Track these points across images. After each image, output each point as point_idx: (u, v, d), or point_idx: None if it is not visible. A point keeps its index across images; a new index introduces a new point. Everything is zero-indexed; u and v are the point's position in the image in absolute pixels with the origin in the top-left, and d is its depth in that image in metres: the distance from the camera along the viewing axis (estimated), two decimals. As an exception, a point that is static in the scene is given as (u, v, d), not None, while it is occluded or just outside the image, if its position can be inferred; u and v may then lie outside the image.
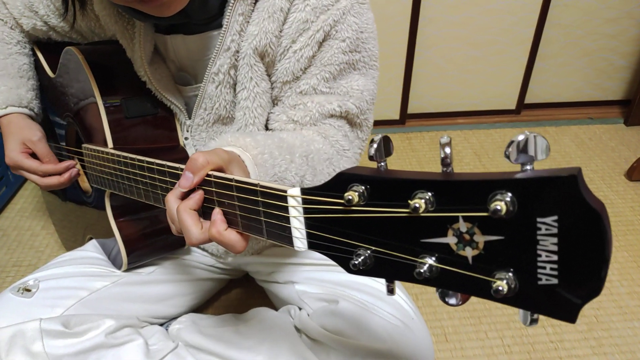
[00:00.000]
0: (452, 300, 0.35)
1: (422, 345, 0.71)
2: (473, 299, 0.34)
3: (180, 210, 0.49)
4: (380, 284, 0.78)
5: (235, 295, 1.13)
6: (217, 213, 0.49)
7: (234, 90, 0.74)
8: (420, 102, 1.90)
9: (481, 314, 1.10)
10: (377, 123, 1.89)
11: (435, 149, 1.75)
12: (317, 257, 0.85)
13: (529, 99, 1.95)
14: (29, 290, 0.75)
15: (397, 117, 1.90)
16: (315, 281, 0.83)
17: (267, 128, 0.77)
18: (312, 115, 0.70)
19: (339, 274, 0.81)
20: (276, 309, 0.91)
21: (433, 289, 1.15)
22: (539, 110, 1.98)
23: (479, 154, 1.71)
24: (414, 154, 1.72)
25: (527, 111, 1.97)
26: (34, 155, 0.85)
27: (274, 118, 0.74)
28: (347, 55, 0.69)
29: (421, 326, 0.74)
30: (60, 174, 0.84)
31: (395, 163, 1.68)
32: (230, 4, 0.66)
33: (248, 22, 0.68)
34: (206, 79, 0.72)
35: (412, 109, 1.91)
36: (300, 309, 0.84)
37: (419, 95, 1.88)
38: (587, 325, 1.07)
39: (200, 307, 1.02)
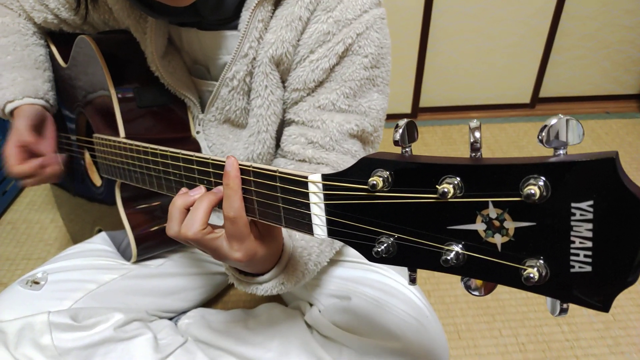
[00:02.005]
0: (476, 292, 0.34)
1: (437, 344, 0.70)
2: (488, 295, 0.33)
3: (204, 200, 0.49)
4: (393, 280, 0.76)
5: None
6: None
7: (248, 97, 0.72)
8: (433, 95, 1.88)
9: (495, 311, 1.08)
10: (388, 117, 1.85)
11: (447, 144, 1.72)
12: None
13: (543, 93, 1.91)
14: (37, 283, 0.75)
15: (408, 110, 1.88)
16: (326, 277, 0.81)
17: (278, 142, 0.76)
18: (332, 136, 0.69)
19: (351, 270, 0.80)
20: (286, 305, 0.90)
21: (445, 286, 1.14)
22: (554, 104, 1.94)
23: (493, 148, 1.69)
24: (426, 149, 1.70)
25: (541, 105, 1.93)
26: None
27: (291, 140, 0.71)
28: (368, 71, 0.68)
29: (435, 324, 0.72)
30: (31, 175, 0.81)
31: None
32: (250, 10, 0.65)
33: (267, 28, 0.67)
34: (220, 81, 0.71)
35: (423, 102, 1.88)
36: (311, 305, 0.83)
37: (431, 88, 1.86)
38: (603, 324, 1.05)
39: (209, 302, 1.01)
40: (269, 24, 0.67)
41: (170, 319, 0.88)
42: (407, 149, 0.34)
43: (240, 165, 0.47)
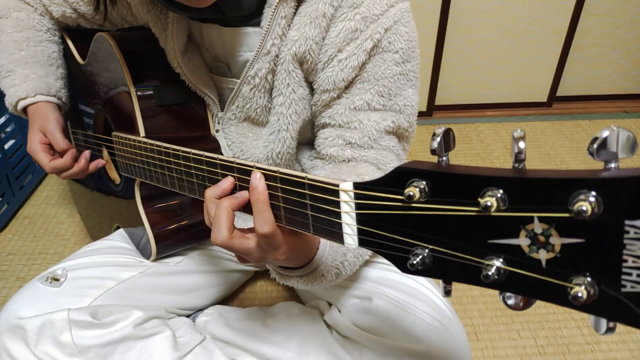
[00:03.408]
0: (514, 305, 0.32)
1: (460, 347, 0.69)
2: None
3: (223, 205, 0.48)
4: (415, 281, 0.76)
5: (261, 287, 1.12)
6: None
7: (270, 95, 0.72)
8: (449, 93, 1.86)
9: (513, 312, 1.07)
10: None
11: (463, 142, 1.71)
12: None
13: (561, 92, 1.89)
14: (57, 280, 0.75)
15: (424, 108, 1.86)
16: (347, 277, 0.81)
17: (298, 142, 0.75)
18: (370, 134, 0.68)
19: (371, 270, 0.79)
20: (304, 304, 0.89)
21: (463, 287, 1.13)
22: (571, 103, 1.92)
23: (510, 147, 1.67)
24: (442, 147, 1.68)
25: (558, 104, 1.91)
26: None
27: (329, 143, 0.71)
28: (400, 66, 0.67)
29: (458, 326, 0.71)
30: (69, 168, 0.83)
31: (422, 156, 1.65)
32: (273, 7, 0.64)
33: (290, 25, 0.66)
34: (242, 79, 0.71)
35: (439, 100, 1.86)
36: (330, 304, 0.82)
37: (448, 86, 1.84)
38: (625, 327, 1.03)
39: (225, 299, 1.01)
40: (292, 20, 0.66)
41: (188, 316, 0.88)
42: (443, 158, 0.33)
43: (266, 170, 0.46)
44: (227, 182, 0.50)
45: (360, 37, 0.65)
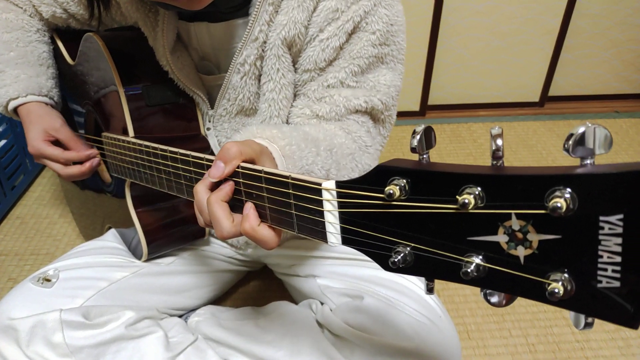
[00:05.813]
0: (496, 302, 0.33)
1: (450, 344, 0.69)
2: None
3: (212, 201, 0.47)
4: (405, 279, 0.76)
5: (253, 287, 1.12)
6: (249, 208, 0.47)
7: (259, 81, 0.72)
8: (442, 93, 1.87)
9: (504, 311, 1.07)
10: (397, 115, 1.86)
11: (456, 142, 1.72)
12: (340, 250, 0.84)
13: (553, 92, 1.90)
14: (49, 280, 0.75)
15: (417, 108, 1.87)
16: (338, 276, 0.81)
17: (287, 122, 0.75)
18: (338, 110, 0.69)
19: (362, 269, 0.79)
20: (296, 303, 0.90)
21: (455, 285, 1.13)
22: (563, 103, 1.93)
23: (504, 147, 1.67)
24: (435, 147, 1.69)
25: (550, 104, 1.92)
26: (56, 143, 0.83)
27: (296, 112, 0.72)
28: (377, 48, 0.67)
29: (448, 324, 0.72)
30: (82, 162, 0.82)
31: (414, 156, 1.65)
32: None
33: (277, 11, 0.66)
34: (231, 69, 0.71)
35: (432, 100, 1.87)
36: (322, 303, 0.82)
37: (440, 86, 1.85)
38: (614, 325, 1.04)
39: (218, 299, 1.01)
40: (280, 5, 0.66)
41: (180, 316, 0.88)
42: (424, 156, 0.34)
43: (250, 170, 0.46)
44: (215, 168, 0.48)
45: (342, 17, 0.65)
